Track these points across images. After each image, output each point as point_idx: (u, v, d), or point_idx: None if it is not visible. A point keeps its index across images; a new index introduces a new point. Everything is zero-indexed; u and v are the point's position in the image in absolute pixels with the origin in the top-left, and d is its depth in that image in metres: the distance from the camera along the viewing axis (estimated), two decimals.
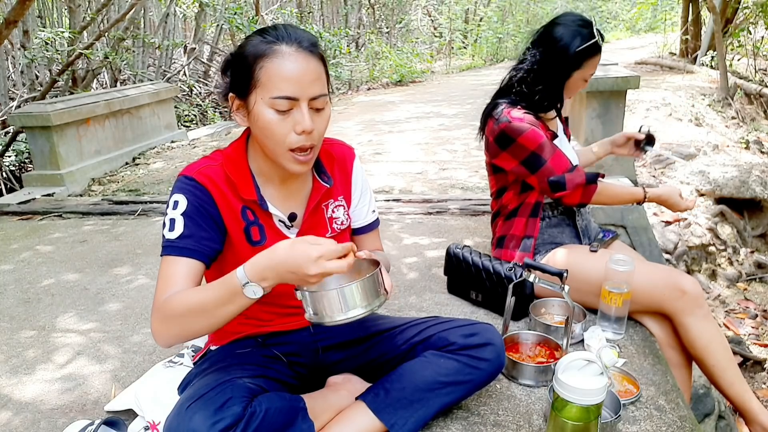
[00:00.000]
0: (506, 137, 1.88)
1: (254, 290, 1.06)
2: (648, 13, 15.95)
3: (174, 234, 1.20)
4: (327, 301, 1.08)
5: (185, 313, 1.12)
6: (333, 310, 1.08)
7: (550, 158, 1.85)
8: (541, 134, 1.86)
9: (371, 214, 1.51)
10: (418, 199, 3.48)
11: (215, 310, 1.10)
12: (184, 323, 1.12)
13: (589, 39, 1.81)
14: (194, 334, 1.16)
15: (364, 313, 1.10)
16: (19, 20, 4.35)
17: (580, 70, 1.87)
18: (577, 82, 1.90)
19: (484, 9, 14.69)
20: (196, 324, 1.12)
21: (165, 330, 1.14)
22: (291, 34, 1.18)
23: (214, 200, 1.26)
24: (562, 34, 1.83)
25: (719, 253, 4.46)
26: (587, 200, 1.88)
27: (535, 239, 1.97)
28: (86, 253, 2.88)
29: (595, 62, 1.88)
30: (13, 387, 1.76)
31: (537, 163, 1.86)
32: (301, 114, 1.17)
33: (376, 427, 1.28)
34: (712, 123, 5.77)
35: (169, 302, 1.13)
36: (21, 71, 7.22)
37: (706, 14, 8.56)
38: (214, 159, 1.30)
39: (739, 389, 1.69)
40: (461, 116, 6.35)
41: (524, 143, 1.85)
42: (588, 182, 1.87)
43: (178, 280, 1.17)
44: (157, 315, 1.15)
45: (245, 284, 1.06)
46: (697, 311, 1.70)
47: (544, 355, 1.66)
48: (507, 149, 1.89)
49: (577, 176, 1.86)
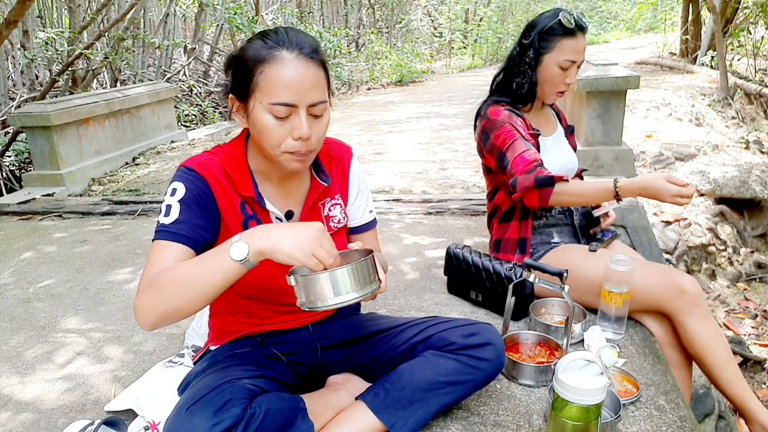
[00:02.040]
0: (485, 134, 1.90)
1: (239, 248, 1.05)
2: (648, 13, 15.95)
3: (168, 219, 1.20)
4: (319, 285, 1.07)
5: (170, 282, 1.09)
6: (325, 295, 1.07)
7: (513, 158, 1.81)
8: (514, 132, 1.83)
9: (368, 214, 1.51)
10: (418, 199, 3.48)
11: (200, 276, 1.08)
12: (169, 296, 1.09)
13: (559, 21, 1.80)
14: (178, 310, 1.10)
15: (356, 298, 1.09)
16: (19, 20, 4.36)
17: (550, 54, 1.83)
18: (552, 69, 1.84)
19: (484, 9, 14.68)
20: (180, 296, 1.09)
21: (149, 305, 1.10)
22: (292, 40, 1.18)
23: (212, 192, 1.26)
24: (535, 23, 1.86)
25: (719, 253, 4.46)
26: (545, 203, 1.79)
27: (529, 240, 1.97)
28: (86, 253, 2.88)
29: (569, 46, 1.81)
30: (13, 387, 1.76)
31: (503, 162, 1.84)
32: (299, 120, 1.17)
33: (376, 427, 1.28)
34: (712, 123, 5.77)
35: (155, 277, 1.12)
36: (21, 71, 7.23)
37: (706, 14, 8.56)
38: (214, 154, 1.31)
39: (739, 389, 1.69)
40: (461, 116, 6.36)
41: (495, 141, 1.86)
42: (537, 185, 1.76)
43: (167, 263, 1.15)
44: (142, 292, 1.12)
45: (233, 243, 1.06)
46: (696, 311, 1.70)
47: (544, 355, 1.66)
48: (486, 147, 1.91)
49: (527, 179, 1.77)
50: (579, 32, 1.82)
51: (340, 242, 1.45)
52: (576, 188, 1.80)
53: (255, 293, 1.39)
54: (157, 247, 1.19)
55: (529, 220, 1.97)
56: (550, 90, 1.89)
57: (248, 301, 1.40)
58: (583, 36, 1.84)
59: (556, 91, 1.89)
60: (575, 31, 1.81)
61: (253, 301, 1.40)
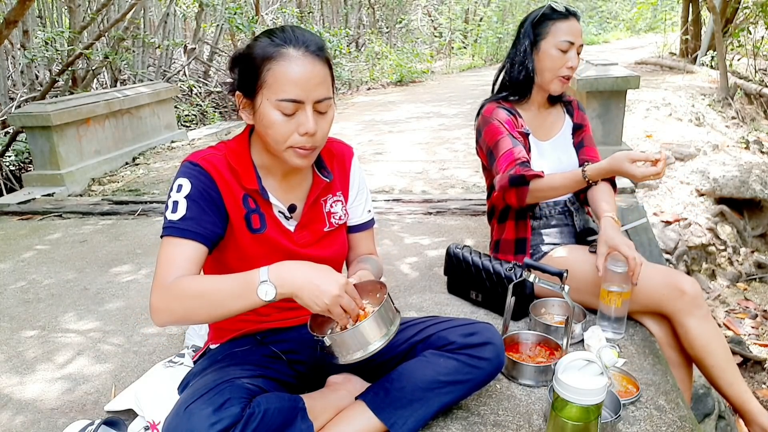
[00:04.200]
0: (479, 132, 1.95)
1: (267, 290, 1.09)
2: (648, 13, 15.95)
3: (176, 216, 1.21)
4: (344, 342, 1.14)
5: (194, 296, 1.14)
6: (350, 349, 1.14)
7: (498, 156, 1.84)
8: (502, 129, 1.85)
9: (367, 213, 1.53)
10: (418, 198, 3.48)
11: (224, 300, 1.12)
12: (190, 307, 1.14)
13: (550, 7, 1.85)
14: (195, 320, 1.20)
15: (384, 343, 1.15)
16: (19, 20, 4.36)
17: (546, 39, 1.86)
18: (550, 52, 1.85)
19: (484, 9, 14.69)
20: (201, 310, 1.14)
21: (168, 309, 1.15)
22: (299, 38, 1.20)
23: (217, 186, 1.27)
24: (527, 17, 1.92)
25: (719, 253, 4.46)
26: (523, 202, 1.83)
27: (528, 240, 1.97)
28: (86, 253, 2.88)
29: (564, 27, 1.84)
30: (13, 387, 1.76)
31: (491, 160, 1.89)
32: (305, 116, 1.19)
33: (375, 426, 1.28)
34: (712, 123, 5.77)
35: (180, 284, 1.14)
36: (21, 71, 7.22)
37: (706, 14, 8.56)
38: (217, 149, 1.32)
39: (738, 390, 1.69)
40: (461, 116, 6.36)
41: (486, 138, 1.90)
42: (512, 184, 1.80)
43: (181, 262, 1.18)
44: (162, 293, 1.15)
45: (262, 282, 1.09)
46: (696, 311, 1.70)
47: (544, 355, 1.67)
48: (479, 144, 1.97)
49: (503, 178, 1.81)
50: (571, 16, 1.86)
51: (340, 239, 1.47)
52: (549, 182, 1.82)
53: None
54: (169, 244, 1.20)
55: (528, 220, 1.97)
56: (552, 75, 1.88)
57: None
58: (576, 20, 1.87)
59: (558, 75, 1.88)
60: (567, 15, 1.86)
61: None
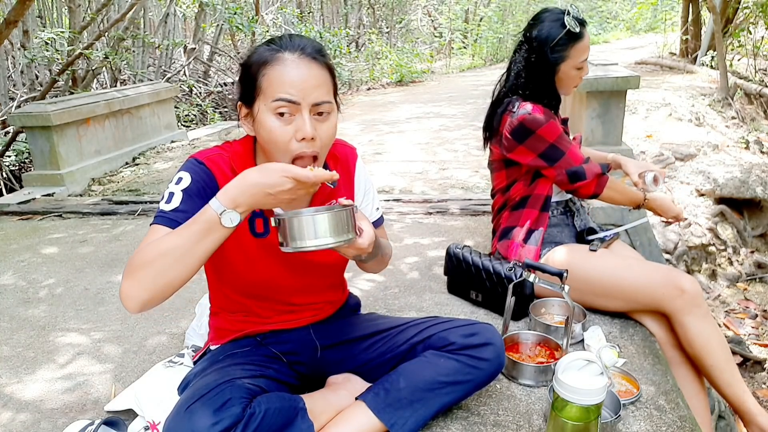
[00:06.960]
0: (525, 129, 1.89)
1: (231, 217, 1.08)
2: (648, 13, 15.94)
3: (169, 206, 1.20)
4: (298, 226, 1.11)
5: (158, 257, 1.08)
6: (303, 236, 1.11)
7: (568, 150, 1.90)
8: (559, 127, 1.91)
9: (375, 212, 1.52)
10: (418, 199, 3.48)
11: (192, 247, 1.08)
12: (156, 270, 1.08)
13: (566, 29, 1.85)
14: (167, 285, 1.09)
15: (332, 243, 1.12)
16: (19, 20, 4.36)
17: (566, 62, 1.89)
18: (569, 72, 1.92)
19: (484, 9, 14.69)
20: (169, 269, 1.08)
21: (136, 284, 1.08)
22: (295, 42, 1.20)
23: (218, 187, 1.25)
24: (540, 31, 1.89)
25: (719, 253, 4.46)
26: (600, 191, 1.94)
27: (544, 232, 1.97)
28: (86, 253, 2.88)
29: (581, 48, 1.89)
30: (13, 387, 1.76)
31: (556, 154, 1.89)
32: (302, 120, 1.17)
33: (376, 426, 1.28)
34: (712, 123, 5.77)
35: (140, 252, 1.11)
36: (21, 71, 7.22)
37: (706, 14, 8.56)
38: (223, 149, 1.31)
39: (737, 390, 1.69)
40: (461, 116, 6.35)
41: (544, 135, 1.88)
42: (603, 173, 1.94)
43: None
44: (127, 270, 1.11)
45: (222, 213, 1.07)
46: (695, 310, 1.70)
47: (544, 355, 1.67)
48: (524, 142, 1.91)
49: (594, 166, 1.93)
50: (583, 30, 1.88)
51: None
52: (620, 186, 2.01)
53: (256, 292, 1.39)
54: (153, 232, 1.18)
55: (548, 214, 1.99)
56: (569, 86, 1.98)
57: (249, 300, 1.40)
58: (586, 31, 1.90)
59: (573, 85, 1.98)
60: (582, 32, 1.87)
61: (254, 299, 1.40)
